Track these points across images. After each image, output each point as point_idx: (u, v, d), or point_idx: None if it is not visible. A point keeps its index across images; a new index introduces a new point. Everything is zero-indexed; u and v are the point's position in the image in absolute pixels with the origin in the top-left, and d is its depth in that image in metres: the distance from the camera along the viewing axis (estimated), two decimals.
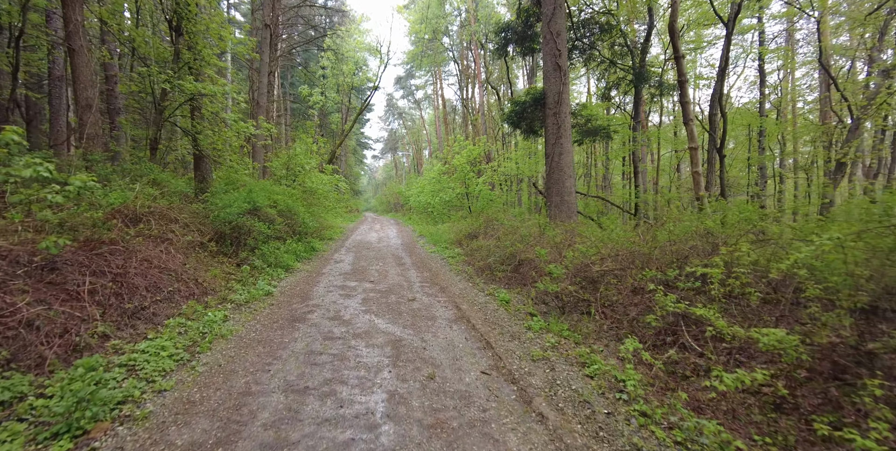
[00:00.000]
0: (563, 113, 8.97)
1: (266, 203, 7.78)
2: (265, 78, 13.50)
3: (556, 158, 8.97)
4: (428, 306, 5.31)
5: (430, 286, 6.48)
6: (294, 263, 7.58)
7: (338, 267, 8.11)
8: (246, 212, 6.98)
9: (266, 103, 13.37)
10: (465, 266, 7.94)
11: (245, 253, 6.58)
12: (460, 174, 19.61)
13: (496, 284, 6.32)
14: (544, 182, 9.33)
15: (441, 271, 7.87)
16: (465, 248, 9.50)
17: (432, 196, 20.85)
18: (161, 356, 3.06)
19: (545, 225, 7.17)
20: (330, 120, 30.41)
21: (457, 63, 34.80)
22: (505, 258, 6.62)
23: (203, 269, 5.47)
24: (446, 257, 9.14)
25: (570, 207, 8.96)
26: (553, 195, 9.00)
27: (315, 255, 9.40)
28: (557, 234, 6.52)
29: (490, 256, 7.22)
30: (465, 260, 8.43)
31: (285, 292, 5.76)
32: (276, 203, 8.72)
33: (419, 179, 26.65)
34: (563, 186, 8.94)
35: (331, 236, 13.18)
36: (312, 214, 12.13)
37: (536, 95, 9.24)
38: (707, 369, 2.77)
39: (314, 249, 9.53)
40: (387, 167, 77.57)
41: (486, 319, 4.72)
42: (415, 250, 10.94)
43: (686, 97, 9.50)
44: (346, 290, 6.07)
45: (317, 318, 4.62)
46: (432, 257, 9.60)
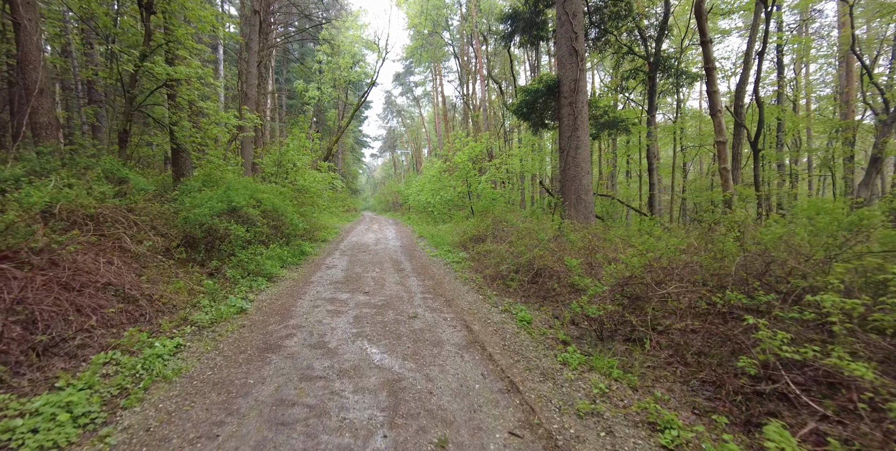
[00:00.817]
0: (579, 102, 8.09)
1: (247, 203, 6.88)
2: (254, 68, 12.57)
3: (571, 153, 8.09)
4: (432, 325, 4.42)
5: (433, 298, 5.59)
6: (278, 270, 6.68)
7: (329, 274, 7.22)
8: (222, 213, 6.09)
9: (255, 95, 12.45)
10: (473, 274, 7.05)
11: (218, 261, 5.67)
12: (462, 172, 18.72)
13: (511, 297, 5.43)
14: (558, 179, 8.45)
15: (445, 278, 6.98)
16: (471, 252, 8.61)
17: (432, 195, 19.96)
18: (60, 421, 2.15)
19: (565, 228, 6.28)
20: (326, 116, 29.46)
21: (457, 58, 33.88)
22: (520, 266, 5.74)
23: (164, 282, 4.57)
24: (450, 263, 8.25)
25: (588, 207, 8.08)
26: (568, 194, 8.12)
27: (305, 260, 8.51)
28: (579, 238, 5.64)
29: (502, 262, 6.33)
30: (472, 266, 7.54)
31: (263, 309, 4.86)
32: (261, 203, 7.82)
33: (418, 178, 25.78)
34: (579, 183, 8.06)
35: (325, 237, 12.28)
36: (304, 215, 11.22)
37: (550, 83, 8.36)
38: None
39: (304, 253, 8.63)
40: (385, 166, 76.63)
41: (505, 345, 3.84)
42: (415, 254, 10.05)
43: (714, 86, 8.61)
44: (335, 304, 5.18)
45: (295, 345, 3.73)
46: (434, 262, 8.71)
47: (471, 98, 32.39)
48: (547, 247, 5.59)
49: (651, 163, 13.03)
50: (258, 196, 7.88)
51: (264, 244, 7.66)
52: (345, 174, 43.70)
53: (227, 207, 6.28)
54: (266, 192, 8.60)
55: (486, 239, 8.67)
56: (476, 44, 24.88)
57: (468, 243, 9.44)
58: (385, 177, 72.71)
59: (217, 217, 5.82)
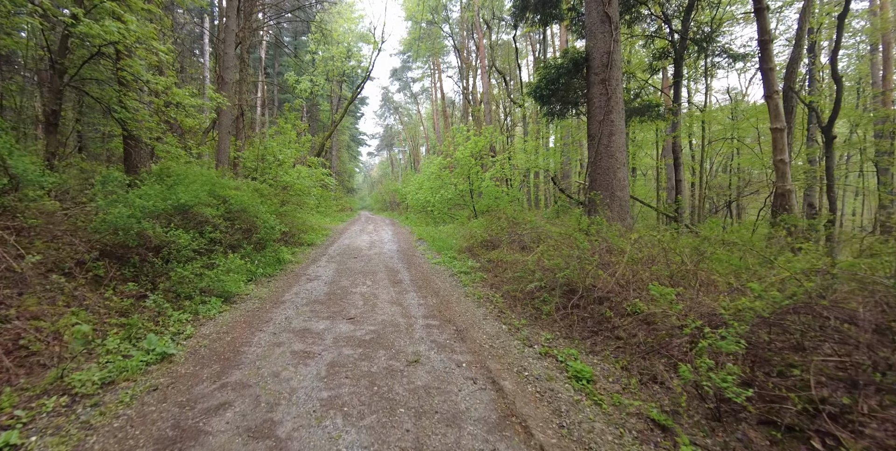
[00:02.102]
0: (613, 79, 6.69)
1: (202, 201, 5.44)
2: (231, 49, 11.10)
3: (604, 141, 6.69)
4: (443, 378, 3.02)
5: (440, 327, 4.19)
6: (240, 287, 5.24)
7: (308, 290, 5.80)
8: (163, 214, 4.65)
9: (232, 79, 10.99)
10: (488, 290, 5.65)
11: (149, 279, 4.24)
12: (463, 169, 17.30)
13: (546, 328, 4.02)
14: (587, 172, 7.05)
15: (453, 295, 5.57)
16: (481, 260, 7.20)
17: (432, 194, 18.54)
18: None
19: (609, 233, 4.88)
20: (320, 108, 27.97)
21: (457, 52, 32.47)
22: (555, 284, 4.33)
23: (55, 315, 3.14)
24: (457, 274, 6.84)
25: (623, 206, 6.69)
26: (600, 190, 6.72)
27: (282, 270, 7.08)
28: (634, 248, 4.24)
29: (527, 277, 4.93)
30: (486, 280, 6.13)
31: (199, 351, 3.43)
32: (226, 201, 6.38)
33: (416, 176, 24.36)
34: (613, 177, 6.66)
35: (311, 240, 10.85)
36: (287, 215, 9.79)
37: (576, 58, 6.96)
38: None
39: (281, 261, 7.20)
40: (382, 164, 75.21)
41: (562, 428, 2.43)
42: (414, 260, 8.63)
43: (770, 62, 7.22)
44: (306, 340, 3.76)
45: (224, 431, 2.31)
46: (437, 272, 7.30)
47: (471, 93, 31.01)
48: (589, 259, 4.19)
49: (677, 157, 11.65)
50: (223, 193, 6.44)
51: (231, 252, 6.23)
52: (340, 172, 42.19)
53: (173, 206, 4.84)
54: (234, 188, 7.15)
55: (499, 245, 7.26)
56: (478, 32, 23.45)
57: (476, 249, 8.03)
58: (382, 176, 71.26)
59: (151, 219, 4.38)
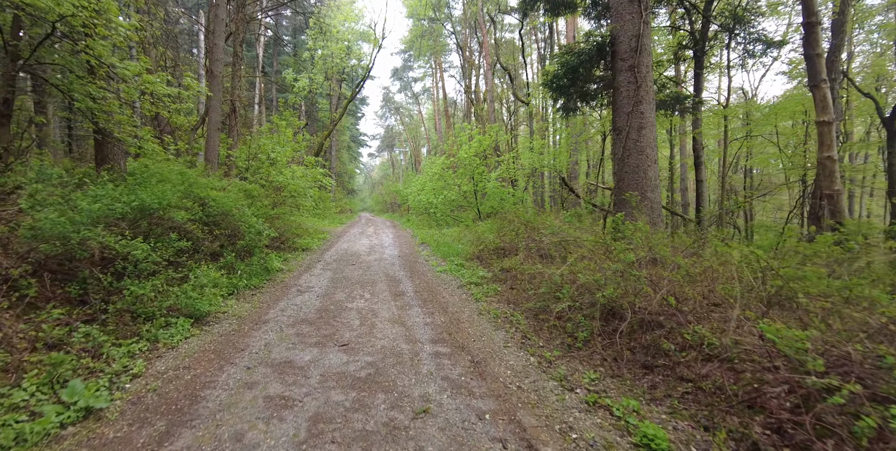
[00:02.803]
0: (643, 65, 5.93)
1: (174, 203, 4.68)
2: (221, 40, 10.39)
3: (632, 135, 5.93)
4: (462, 441, 2.24)
5: (452, 356, 3.42)
6: (216, 303, 4.48)
7: (297, 305, 5.03)
8: (120, 218, 3.89)
9: (222, 72, 10.26)
10: (504, 306, 4.87)
11: (101, 298, 3.47)
12: (467, 169, 16.55)
13: (585, 360, 3.25)
14: (613, 171, 6.28)
15: (464, 313, 4.80)
16: (493, 269, 6.43)
17: (434, 195, 17.78)
18: None
19: (654, 241, 4.10)
20: (319, 107, 27.26)
21: (460, 51, 31.76)
22: (593, 304, 3.55)
23: None
24: (466, 285, 6.06)
25: (655, 208, 5.92)
26: (628, 190, 5.95)
27: (270, 280, 6.31)
28: (689, 262, 3.47)
29: (554, 293, 4.15)
30: (500, 293, 5.36)
31: (143, 401, 2.64)
32: (207, 204, 5.62)
33: (418, 177, 23.62)
34: (643, 176, 5.89)
35: (307, 245, 10.08)
36: (280, 218, 9.03)
37: (600, 42, 6.21)
38: None
39: (269, 269, 6.44)
40: (383, 165, 74.58)
41: None
42: (417, 268, 7.87)
43: (817, 47, 6.46)
44: (286, 378, 2.99)
45: None
46: (444, 282, 6.52)
47: (474, 92, 30.32)
48: (635, 274, 3.41)
49: (698, 156, 10.87)
50: (203, 194, 5.68)
51: (212, 261, 5.47)
52: (340, 173, 41.45)
53: (135, 209, 4.08)
54: (218, 189, 6.40)
55: (513, 252, 6.48)
56: (482, 29, 22.74)
57: (487, 256, 7.25)
58: (383, 177, 70.53)
59: (102, 226, 3.62)
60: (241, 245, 5.75)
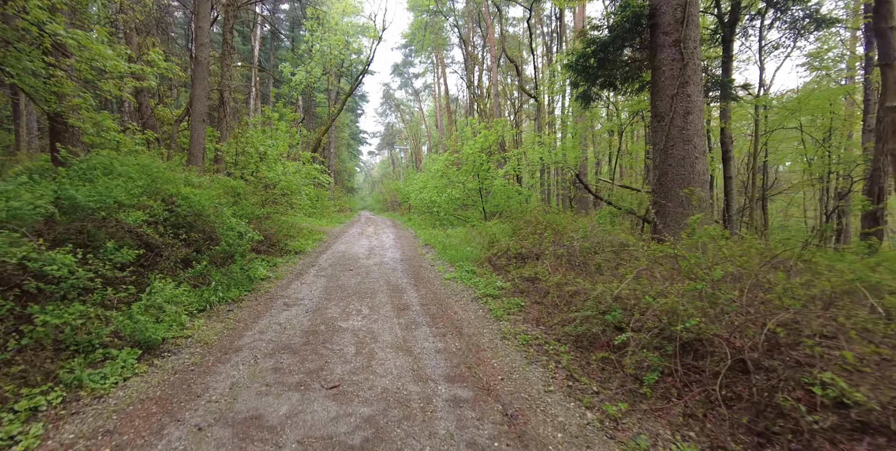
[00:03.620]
0: (690, 40, 5.03)
1: (127, 202, 3.80)
2: (206, 23, 9.49)
3: (677, 122, 5.04)
4: None
5: (476, 405, 2.55)
6: (177, 326, 3.60)
7: (280, 324, 4.16)
8: (42, 222, 3.01)
9: (207, 59, 9.36)
10: (533, 327, 3.98)
11: (12, 326, 2.60)
12: (471, 166, 15.65)
13: (659, 415, 2.38)
14: (653, 165, 5.40)
15: (483, 334, 3.92)
16: (512, 277, 5.54)
17: (437, 193, 16.87)
18: None
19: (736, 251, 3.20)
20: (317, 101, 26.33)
21: (462, 43, 30.84)
22: (666, 336, 2.67)
23: None
24: (482, 297, 5.18)
25: (704, 208, 5.03)
26: (671, 188, 5.07)
27: (253, 291, 5.43)
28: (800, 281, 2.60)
29: (599, 316, 3.26)
30: (525, 309, 4.48)
31: None
32: (176, 202, 4.74)
33: (420, 175, 22.71)
34: (691, 170, 5.01)
35: (300, 247, 9.21)
36: (270, 219, 8.15)
37: (637, 12, 5.30)
38: None
39: (252, 278, 5.56)
40: (383, 164, 73.71)
41: None
42: (422, 274, 6.99)
43: (890, 19, 5.56)
44: (248, 448, 2.12)
45: None
46: (454, 292, 5.65)
47: (477, 87, 29.42)
48: (724, 297, 2.53)
49: (727, 150, 9.97)
50: (172, 191, 4.80)
51: (183, 269, 4.59)
52: (340, 171, 40.55)
53: (69, 209, 3.21)
54: (194, 185, 5.51)
55: (536, 258, 5.60)
56: (486, 20, 21.81)
57: (502, 262, 6.37)
58: (383, 175, 69.64)
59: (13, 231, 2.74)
60: (217, 251, 4.87)
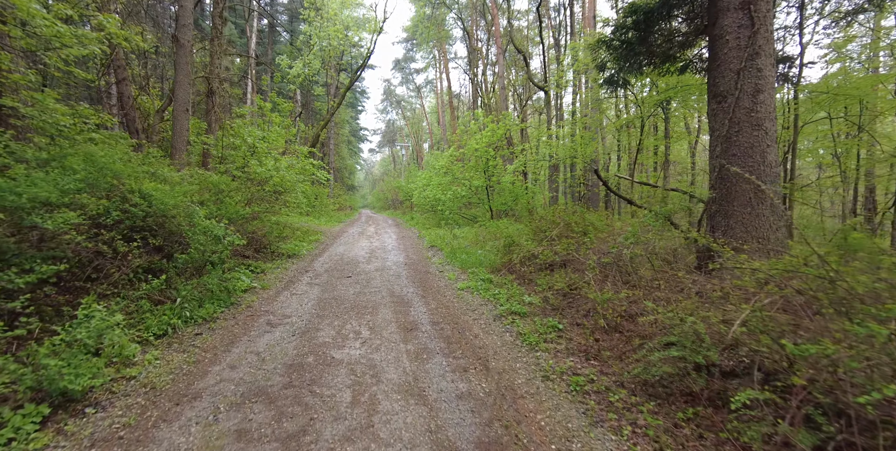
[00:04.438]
0: (762, 1, 4.13)
1: (51, 200, 2.93)
2: (188, 2, 8.58)
3: (744, 102, 4.14)
4: None
5: None
6: (112, 369, 2.73)
7: (257, 353, 3.28)
8: None
9: (190, 41, 8.45)
10: (586, 364, 3.08)
11: None
12: (478, 161, 14.75)
13: None
14: (711, 156, 4.50)
15: (518, 373, 3.04)
16: (540, 289, 4.66)
17: (442, 191, 15.97)
18: None
19: None
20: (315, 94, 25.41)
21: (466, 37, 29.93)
22: (840, 413, 1.79)
23: None
24: (506, 315, 4.29)
25: (776, 207, 4.14)
26: (736, 183, 4.17)
27: (233, 304, 4.56)
28: None
29: (689, 356, 2.37)
30: (568, 335, 3.58)
31: None
32: (132, 200, 3.86)
33: (421, 172, 21.81)
34: (760, 160, 4.11)
35: (294, 250, 8.33)
36: (259, 219, 7.27)
37: None
38: None
39: (232, 290, 4.68)
40: (384, 161, 72.83)
41: None
42: (430, 282, 6.11)
43: None
44: None
45: None
46: (471, 307, 4.77)
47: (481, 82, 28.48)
48: None
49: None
50: (133, 187, 3.92)
51: (145, 281, 3.73)
52: (340, 169, 39.62)
53: None
54: (168, 181, 4.63)
55: (567, 265, 4.71)
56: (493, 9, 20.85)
57: (525, 270, 5.48)
58: (384, 173, 68.75)
59: None
60: (184, 260, 3.99)
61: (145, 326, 3.45)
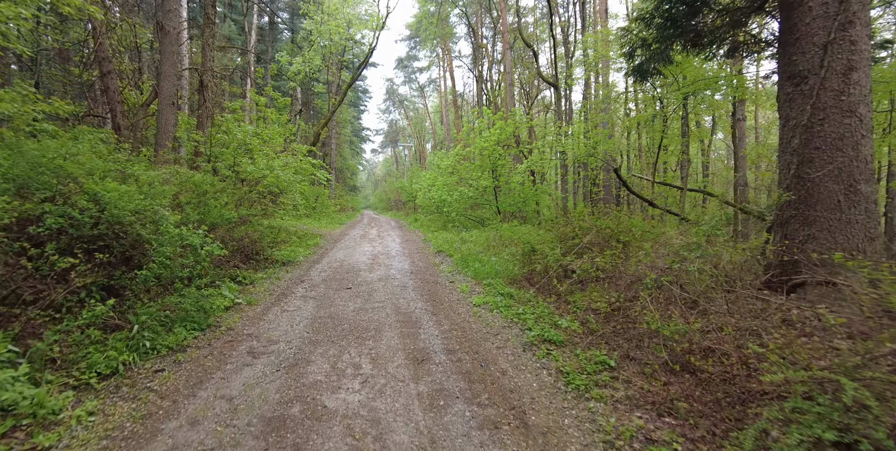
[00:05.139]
0: None
1: None
2: None
3: (831, 83, 3.38)
4: None
5: None
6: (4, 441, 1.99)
7: (228, 399, 2.54)
8: None
9: (177, 29, 7.76)
10: (657, 422, 2.33)
11: None
12: (487, 160, 14.00)
13: None
14: (783, 149, 3.71)
15: (569, 434, 2.27)
16: (576, 309, 3.91)
17: (448, 191, 15.21)
18: None
19: None
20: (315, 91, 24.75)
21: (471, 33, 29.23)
22: None
23: None
24: (536, 343, 3.53)
25: (871, 212, 3.38)
26: (820, 182, 3.41)
27: (210, 327, 3.83)
28: None
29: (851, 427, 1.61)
30: (625, 377, 2.82)
31: None
32: (78, 203, 3.14)
33: (426, 173, 21.08)
34: (853, 155, 3.34)
35: (289, 257, 7.61)
36: (249, 224, 6.55)
37: None
38: None
39: (208, 310, 3.94)
40: (387, 162, 72.23)
41: None
42: (440, 295, 5.37)
43: None
44: None
45: None
46: (492, 330, 4.02)
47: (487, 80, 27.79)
48: None
49: None
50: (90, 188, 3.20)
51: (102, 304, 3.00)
52: (342, 169, 38.94)
53: None
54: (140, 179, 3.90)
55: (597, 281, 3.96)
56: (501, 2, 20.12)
57: (549, 281, 4.72)
58: (386, 174, 68.09)
59: None
60: (144, 277, 3.26)
61: (88, 363, 2.72)
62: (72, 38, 9.60)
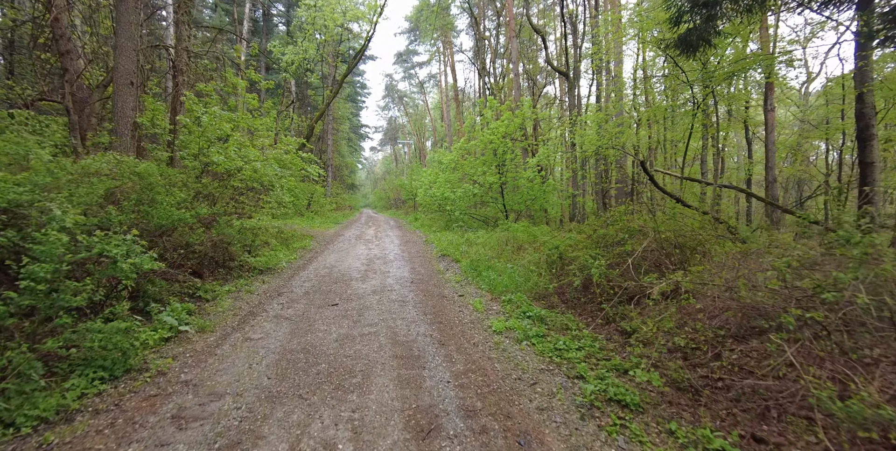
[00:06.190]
0: None
1: None
2: None
3: None
4: None
5: None
6: None
7: None
8: None
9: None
10: None
11: None
12: (491, 155, 12.83)
13: None
14: None
15: None
16: (635, 341, 2.79)
17: (450, 189, 14.05)
18: None
19: None
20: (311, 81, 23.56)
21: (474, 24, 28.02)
22: None
23: None
24: (598, 402, 2.42)
25: None
26: None
27: (131, 370, 2.73)
28: None
29: None
30: None
31: None
32: None
33: (426, 169, 19.91)
34: None
35: (268, 263, 6.48)
36: (215, 227, 5.40)
37: None
38: None
39: (125, 353, 2.80)
40: (386, 160, 71.03)
41: None
42: (449, 314, 4.24)
43: None
44: None
45: None
46: (524, 374, 2.90)
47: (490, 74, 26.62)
48: None
49: (867, 125, 7.08)
50: None
51: None
52: (339, 167, 37.72)
53: None
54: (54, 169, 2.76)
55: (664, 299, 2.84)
56: None
57: (579, 301, 3.59)
58: (386, 172, 66.90)
59: None
60: (24, 304, 2.14)
61: None
62: (27, 13, 8.44)
